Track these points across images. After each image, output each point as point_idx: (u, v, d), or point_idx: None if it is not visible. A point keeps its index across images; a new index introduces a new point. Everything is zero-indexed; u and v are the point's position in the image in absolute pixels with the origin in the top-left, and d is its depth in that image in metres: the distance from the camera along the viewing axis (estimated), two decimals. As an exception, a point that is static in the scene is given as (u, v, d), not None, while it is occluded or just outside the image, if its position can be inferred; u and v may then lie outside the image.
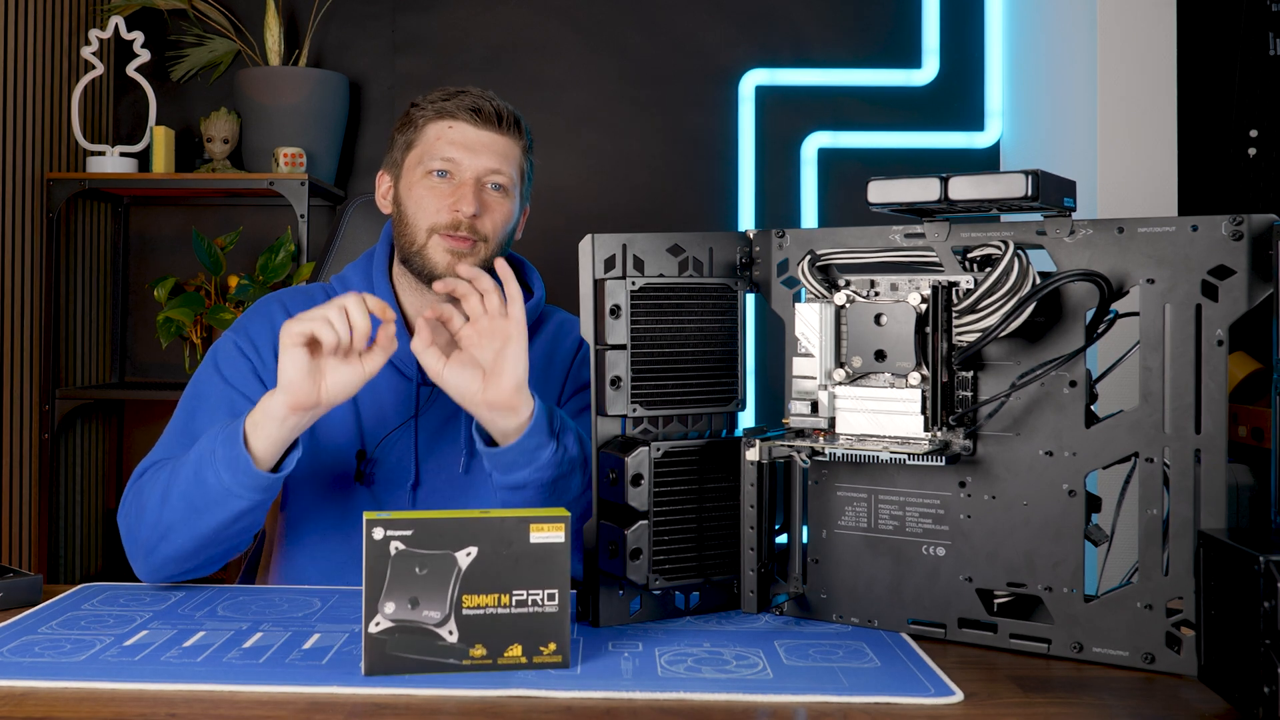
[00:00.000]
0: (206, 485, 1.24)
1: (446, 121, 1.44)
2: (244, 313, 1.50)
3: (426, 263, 1.42)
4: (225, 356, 1.44)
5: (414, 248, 1.43)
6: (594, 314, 1.16)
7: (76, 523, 2.94)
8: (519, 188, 1.47)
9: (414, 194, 1.44)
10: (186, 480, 1.26)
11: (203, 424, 1.38)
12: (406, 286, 1.49)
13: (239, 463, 1.23)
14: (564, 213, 3.01)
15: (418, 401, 1.45)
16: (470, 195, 1.41)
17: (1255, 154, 2.50)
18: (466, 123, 1.43)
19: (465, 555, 0.99)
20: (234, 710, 0.92)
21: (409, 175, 1.46)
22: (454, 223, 1.41)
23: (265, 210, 3.06)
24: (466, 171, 1.42)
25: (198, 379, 1.44)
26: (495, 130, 1.44)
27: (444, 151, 1.43)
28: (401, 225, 1.46)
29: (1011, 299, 1.06)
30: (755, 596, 1.18)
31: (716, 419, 1.22)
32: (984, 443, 1.11)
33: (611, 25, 3.06)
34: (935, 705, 0.94)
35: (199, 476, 1.25)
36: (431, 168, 1.43)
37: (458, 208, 1.40)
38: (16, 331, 2.67)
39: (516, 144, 1.46)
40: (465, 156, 1.42)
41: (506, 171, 1.44)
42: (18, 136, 2.66)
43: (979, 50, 3.02)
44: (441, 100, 1.45)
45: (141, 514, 1.30)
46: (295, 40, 3.02)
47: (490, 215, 1.43)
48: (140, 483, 1.34)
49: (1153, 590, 1.03)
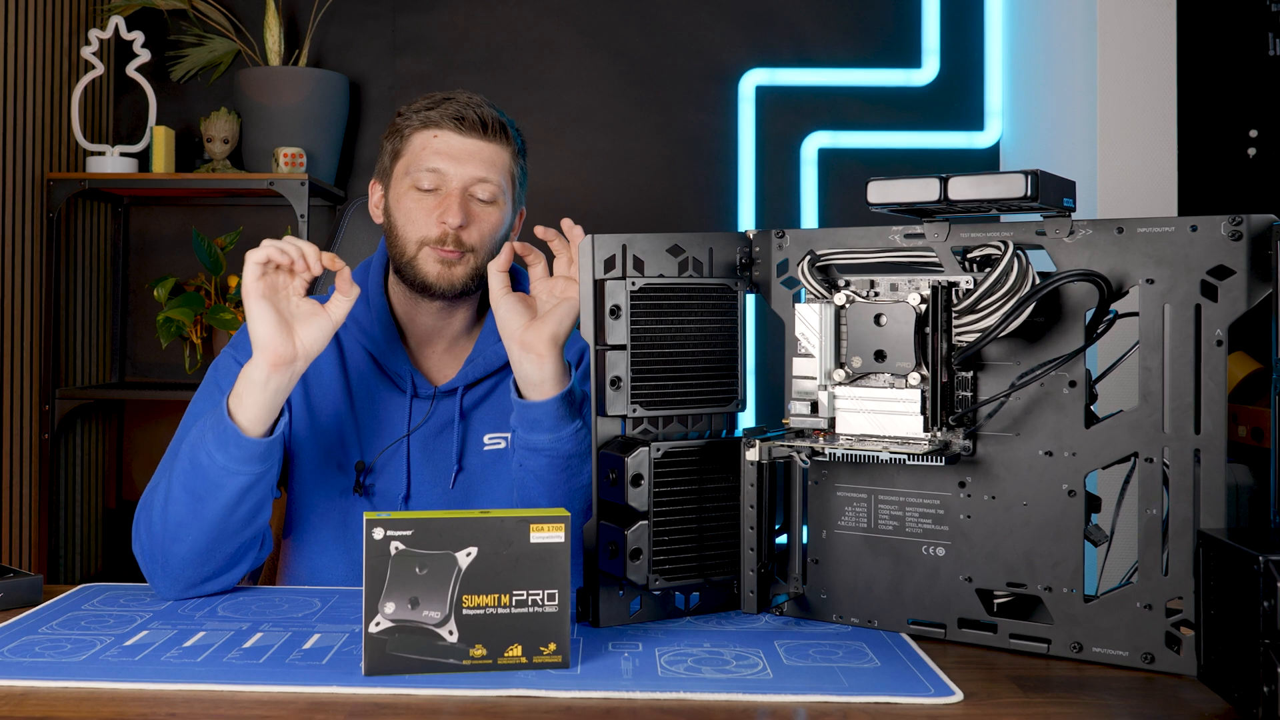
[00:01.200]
0: (203, 469, 1.25)
1: (431, 131, 1.43)
2: (241, 327, 1.50)
3: (418, 273, 1.42)
4: (225, 373, 1.43)
5: (404, 259, 1.43)
6: (594, 314, 1.16)
7: (76, 523, 2.94)
8: (509, 194, 1.46)
9: (402, 206, 1.44)
10: (184, 472, 1.26)
11: None
12: (402, 296, 1.48)
13: (227, 435, 1.24)
14: (564, 213, 2.99)
15: (410, 414, 1.45)
16: (455, 207, 1.40)
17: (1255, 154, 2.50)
18: (451, 131, 1.42)
19: (465, 555, 1.00)
20: (234, 710, 0.92)
21: (397, 186, 1.45)
22: (441, 236, 1.41)
23: (265, 210, 3.06)
24: (453, 182, 1.42)
25: (199, 396, 1.43)
26: (481, 138, 1.43)
27: (429, 162, 1.42)
28: (392, 236, 1.45)
29: (1011, 299, 1.06)
30: (755, 597, 1.18)
31: (716, 419, 1.22)
32: (984, 443, 1.11)
33: (611, 25, 3.06)
34: (935, 705, 0.94)
35: (195, 464, 1.25)
36: (418, 179, 1.42)
37: (444, 220, 1.40)
38: (16, 331, 2.67)
39: (505, 149, 1.45)
40: (450, 166, 1.42)
41: (494, 179, 1.43)
42: (18, 136, 2.66)
43: (979, 50, 3.02)
44: (426, 109, 1.44)
45: (150, 526, 1.29)
46: (295, 40, 3.02)
47: (477, 225, 1.42)
48: (144, 500, 1.33)
49: (1152, 590, 1.04)
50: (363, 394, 1.45)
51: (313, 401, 1.44)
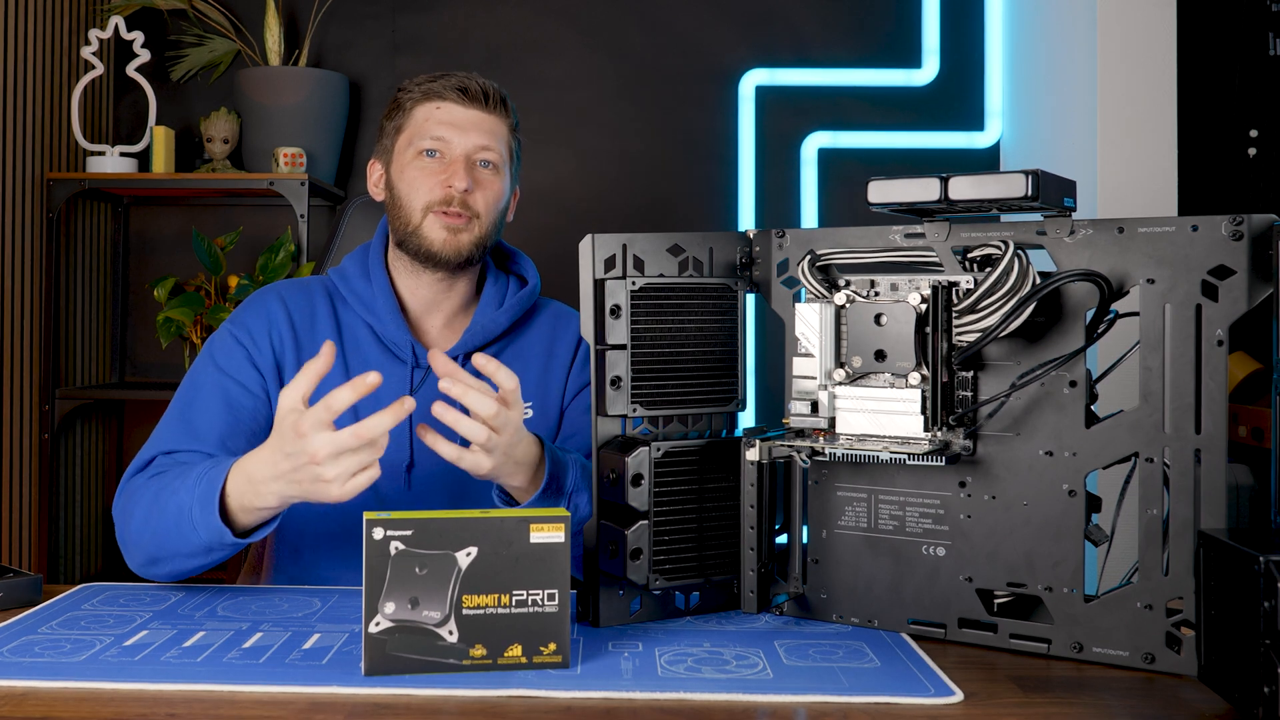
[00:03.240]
0: (180, 535, 1.23)
1: (434, 102, 1.46)
2: (241, 304, 1.51)
3: (423, 241, 1.44)
4: (221, 347, 1.45)
5: (409, 228, 1.45)
6: (594, 314, 1.16)
7: (76, 523, 2.94)
8: (509, 166, 1.49)
9: (406, 175, 1.46)
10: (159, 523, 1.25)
11: (199, 414, 1.39)
12: (403, 270, 1.50)
13: (216, 535, 1.19)
14: (564, 213, 3.01)
15: (412, 384, 1.46)
16: (462, 171, 1.43)
17: (1255, 154, 2.50)
18: (454, 102, 1.45)
19: (465, 555, 0.99)
20: (234, 710, 0.92)
21: (400, 158, 1.47)
22: (447, 198, 1.43)
23: (265, 210, 3.06)
24: (456, 149, 1.44)
25: (195, 369, 1.45)
26: (482, 109, 1.46)
27: (433, 131, 1.44)
28: (396, 208, 1.47)
29: (1011, 299, 1.06)
30: (755, 596, 1.18)
31: (716, 419, 1.22)
32: (984, 443, 1.11)
33: (611, 25, 3.06)
34: (935, 705, 0.94)
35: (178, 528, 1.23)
36: (422, 147, 1.44)
37: (450, 183, 1.42)
38: (16, 331, 2.67)
39: (504, 122, 1.48)
40: (454, 135, 1.44)
41: (496, 148, 1.46)
42: (18, 136, 2.66)
43: (979, 50, 3.02)
44: (428, 82, 1.47)
45: (128, 521, 1.31)
46: (295, 40, 3.02)
47: (482, 191, 1.45)
48: (133, 484, 1.34)
49: (1153, 590, 1.03)
50: (359, 368, 1.46)
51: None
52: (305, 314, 1.48)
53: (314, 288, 1.52)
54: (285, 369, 1.44)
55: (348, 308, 1.49)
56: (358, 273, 1.50)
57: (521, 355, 1.52)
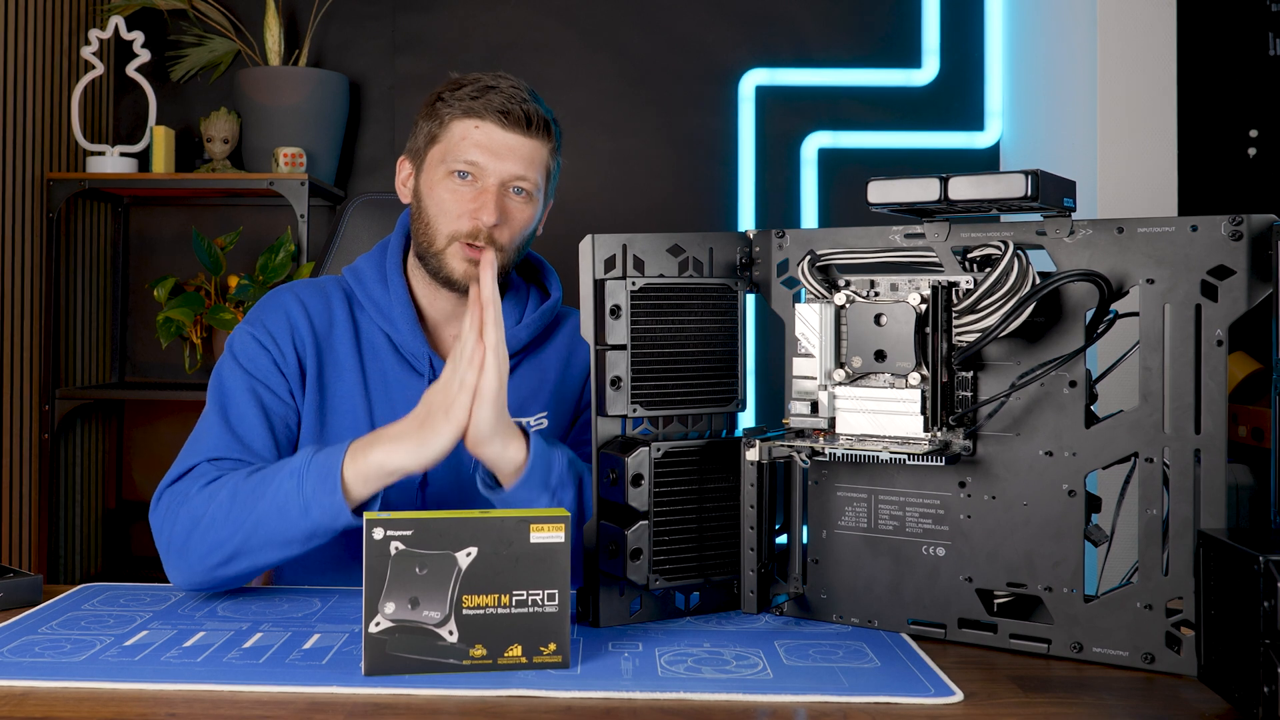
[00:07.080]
0: (287, 521, 1.21)
1: (473, 121, 1.39)
2: (256, 304, 1.47)
3: (443, 267, 1.41)
4: (243, 349, 1.41)
5: (432, 249, 1.41)
6: (594, 314, 1.16)
7: (76, 523, 2.94)
8: (543, 189, 1.44)
9: (435, 194, 1.41)
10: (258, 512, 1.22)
11: (238, 420, 1.36)
12: (422, 280, 1.47)
13: (334, 509, 1.19)
14: (564, 212, 2.99)
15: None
16: (491, 204, 1.37)
17: (1255, 154, 2.50)
18: (494, 124, 1.39)
19: (465, 555, 0.99)
20: (234, 710, 0.92)
21: (431, 171, 1.42)
22: (474, 231, 1.38)
23: (265, 210, 3.06)
24: (490, 177, 1.39)
25: (220, 374, 1.41)
26: (523, 133, 1.40)
27: (468, 154, 1.39)
28: (421, 223, 1.43)
29: (1011, 299, 1.06)
30: (755, 596, 1.18)
31: (716, 419, 1.22)
32: (984, 443, 1.11)
33: (611, 25, 3.06)
34: (935, 705, 0.94)
35: (281, 514, 1.21)
36: (454, 168, 1.39)
37: (478, 216, 1.38)
38: (16, 331, 2.67)
39: (544, 146, 1.42)
40: (490, 160, 1.39)
41: (531, 176, 1.41)
42: (18, 136, 2.66)
43: (979, 50, 3.02)
44: (470, 98, 1.40)
45: (188, 524, 1.25)
46: (295, 40, 3.02)
47: (509, 224, 1.40)
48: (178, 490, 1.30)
49: (1153, 590, 1.03)
50: (377, 377, 1.44)
51: (326, 384, 1.43)
52: (324, 317, 1.45)
53: (330, 289, 1.49)
54: (308, 373, 1.42)
55: (364, 313, 1.46)
56: (375, 278, 1.47)
57: (540, 366, 1.50)
